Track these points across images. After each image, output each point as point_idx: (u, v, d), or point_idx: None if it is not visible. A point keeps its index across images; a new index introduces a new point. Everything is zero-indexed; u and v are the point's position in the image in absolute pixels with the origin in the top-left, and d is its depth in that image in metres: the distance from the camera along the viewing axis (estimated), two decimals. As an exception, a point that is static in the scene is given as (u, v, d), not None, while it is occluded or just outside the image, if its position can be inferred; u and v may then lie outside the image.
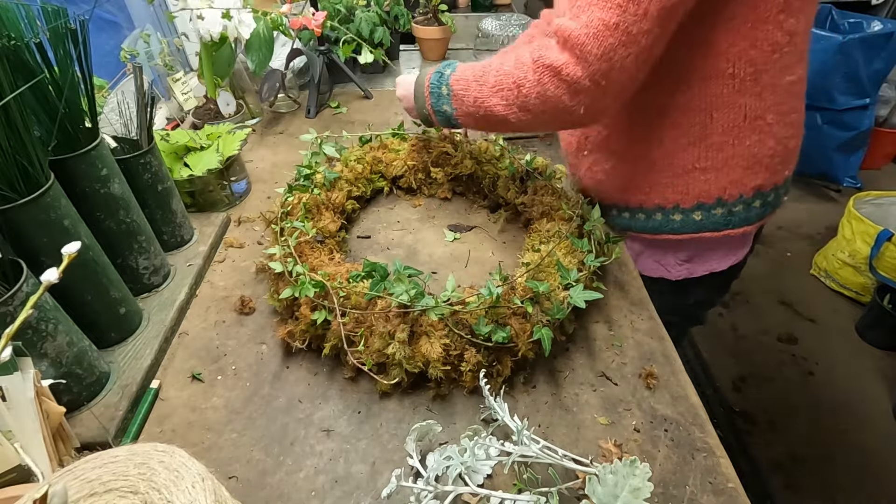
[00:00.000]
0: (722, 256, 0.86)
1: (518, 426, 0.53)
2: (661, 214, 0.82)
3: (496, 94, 0.69)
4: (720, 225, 0.79)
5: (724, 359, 1.86)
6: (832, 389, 1.75)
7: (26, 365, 0.46)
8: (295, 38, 1.28)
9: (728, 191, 0.77)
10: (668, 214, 0.81)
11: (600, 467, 0.52)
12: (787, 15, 0.65)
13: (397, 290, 0.62)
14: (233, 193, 0.96)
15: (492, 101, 0.69)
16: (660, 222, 0.83)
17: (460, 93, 0.73)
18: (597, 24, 0.57)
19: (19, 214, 0.54)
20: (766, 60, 0.67)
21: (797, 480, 1.51)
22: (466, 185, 0.96)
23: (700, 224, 0.80)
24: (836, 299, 2.08)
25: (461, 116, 0.75)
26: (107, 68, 1.05)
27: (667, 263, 0.88)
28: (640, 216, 0.84)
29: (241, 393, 0.65)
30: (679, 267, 0.88)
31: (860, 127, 2.33)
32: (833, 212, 2.41)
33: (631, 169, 0.81)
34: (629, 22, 0.56)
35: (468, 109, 0.73)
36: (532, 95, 0.65)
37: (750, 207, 0.78)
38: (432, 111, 0.78)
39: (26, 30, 0.55)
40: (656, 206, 0.82)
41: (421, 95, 0.79)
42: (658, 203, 0.81)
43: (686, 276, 0.88)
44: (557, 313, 0.63)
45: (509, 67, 0.67)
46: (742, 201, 0.77)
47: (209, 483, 0.35)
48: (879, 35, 2.14)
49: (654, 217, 0.83)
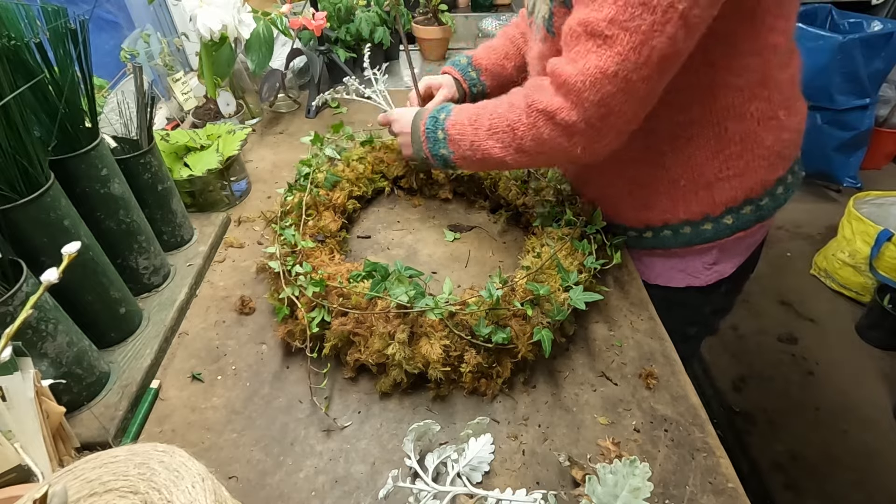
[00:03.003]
0: (746, 250, 0.84)
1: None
2: (689, 228, 0.79)
3: (492, 137, 0.69)
4: (752, 221, 0.77)
5: (724, 359, 1.86)
6: (832, 389, 1.74)
7: (26, 365, 0.46)
8: (295, 38, 1.28)
9: (755, 190, 0.75)
10: (697, 226, 0.78)
11: (600, 467, 0.52)
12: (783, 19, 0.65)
13: (396, 291, 0.62)
14: (233, 193, 0.96)
15: (488, 143, 0.70)
16: (690, 235, 0.79)
17: (456, 137, 0.74)
18: (594, 71, 0.56)
19: (19, 214, 0.54)
20: (769, 64, 0.67)
21: (797, 480, 1.51)
22: (467, 186, 0.96)
23: (733, 227, 0.77)
24: (836, 299, 2.08)
25: (458, 160, 0.76)
26: (107, 68, 1.05)
27: (694, 271, 0.84)
28: (667, 233, 0.81)
29: (240, 393, 0.65)
30: (708, 271, 0.84)
31: (860, 127, 2.33)
32: (833, 212, 2.41)
33: (648, 191, 0.78)
34: (628, 70, 0.55)
35: (465, 153, 0.74)
36: (528, 138, 0.65)
37: (775, 196, 0.77)
38: (430, 155, 0.79)
39: (26, 30, 0.55)
40: (683, 220, 0.79)
41: (418, 140, 0.80)
42: (685, 218, 0.78)
43: (717, 280, 0.85)
44: (557, 315, 0.63)
45: (503, 110, 0.67)
46: (768, 193, 0.76)
47: (209, 483, 0.35)
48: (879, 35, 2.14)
49: (682, 231, 0.79)
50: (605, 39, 0.54)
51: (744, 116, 0.69)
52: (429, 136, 0.78)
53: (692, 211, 0.77)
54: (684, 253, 0.82)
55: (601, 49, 0.55)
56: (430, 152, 0.79)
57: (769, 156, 0.73)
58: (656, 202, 0.79)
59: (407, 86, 1.48)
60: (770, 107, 0.70)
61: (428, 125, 0.78)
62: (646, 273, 0.85)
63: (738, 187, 0.75)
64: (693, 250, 0.81)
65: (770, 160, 0.74)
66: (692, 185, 0.75)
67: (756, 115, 0.70)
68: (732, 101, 0.68)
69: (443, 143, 0.76)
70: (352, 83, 0.97)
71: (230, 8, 1.04)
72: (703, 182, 0.74)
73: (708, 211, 0.77)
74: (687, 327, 0.73)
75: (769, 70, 0.67)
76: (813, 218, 2.47)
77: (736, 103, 0.68)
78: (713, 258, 0.82)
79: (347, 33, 1.40)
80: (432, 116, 0.78)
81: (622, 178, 0.80)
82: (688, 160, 0.73)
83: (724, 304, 0.94)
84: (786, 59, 0.69)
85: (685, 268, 0.84)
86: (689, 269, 0.84)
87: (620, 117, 0.60)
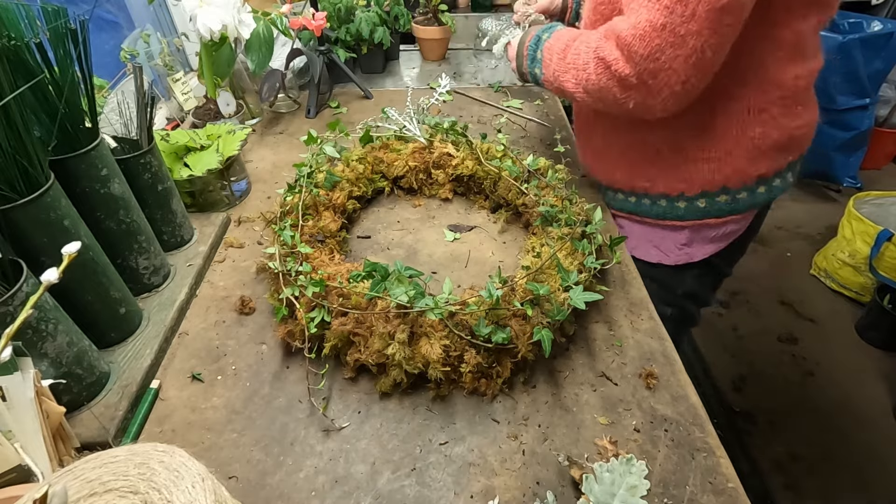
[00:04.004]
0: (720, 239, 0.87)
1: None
2: (665, 201, 0.84)
3: (569, 72, 0.73)
4: (724, 212, 0.81)
5: (724, 359, 1.86)
6: (832, 389, 1.74)
7: (26, 365, 0.46)
8: (295, 38, 1.28)
9: (732, 179, 0.78)
10: (672, 202, 0.83)
11: (597, 466, 0.52)
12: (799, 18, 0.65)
13: (396, 291, 0.62)
14: (233, 193, 0.96)
15: (566, 76, 0.74)
16: (664, 209, 0.85)
17: (548, 61, 0.78)
18: (644, 25, 0.58)
19: (19, 214, 0.54)
20: (770, 57, 0.67)
21: (797, 480, 1.51)
22: (467, 186, 0.96)
23: (704, 211, 0.81)
24: (836, 299, 2.08)
25: (546, 82, 0.81)
26: (107, 68, 1.05)
27: (666, 248, 0.89)
28: (645, 201, 0.87)
29: (241, 393, 0.65)
30: (678, 251, 0.89)
31: (860, 127, 2.33)
32: (833, 212, 2.41)
33: (637, 156, 0.83)
34: (676, 23, 0.57)
35: (550, 78, 0.79)
36: (591, 81, 0.69)
37: (754, 194, 0.79)
38: (527, 71, 0.85)
39: (26, 30, 0.55)
40: (661, 193, 0.84)
41: (521, 55, 0.85)
42: (663, 191, 0.83)
43: (686, 262, 0.89)
44: (557, 315, 0.63)
45: (583, 48, 0.70)
46: (746, 188, 0.78)
47: (209, 483, 0.35)
48: (879, 35, 2.14)
49: (659, 203, 0.85)
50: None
51: (732, 98, 0.71)
52: (530, 53, 0.83)
53: (670, 186, 0.82)
54: (658, 226, 0.88)
55: (651, 3, 0.57)
56: (528, 69, 0.84)
57: (752, 148, 0.74)
58: (641, 169, 0.84)
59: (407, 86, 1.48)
60: (763, 98, 0.70)
61: (531, 43, 0.83)
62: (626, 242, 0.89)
63: (716, 171, 0.77)
64: (666, 225, 0.87)
65: (752, 152, 0.74)
66: (674, 159, 0.79)
67: (747, 102, 0.71)
68: (723, 82, 0.69)
69: (539, 62, 0.81)
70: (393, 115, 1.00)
71: (230, 8, 1.04)
72: (685, 158, 0.78)
73: (684, 189, 0.81)
74: (661, 306, 0.76)
75: (767, 61, 0.67)
76: (813, 218, 2.47)
77: (726, 84, 0.69)
78: (685, 238, 0.87)
79: (347, 33, 1.40)
80: (537, 35, 0.83)
81: (618, 142, 0.85)
82: (674, 133, 0.76)
83: (695, 289, 0.97)
84: (792, 57, 0.69)
85: (659, 244, 0.90)
86: (661, 246, 0.90)
87: (672, 75, 0.61)
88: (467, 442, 0.59)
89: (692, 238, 0.87)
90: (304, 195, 0.81)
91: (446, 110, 1.29)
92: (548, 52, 0.79)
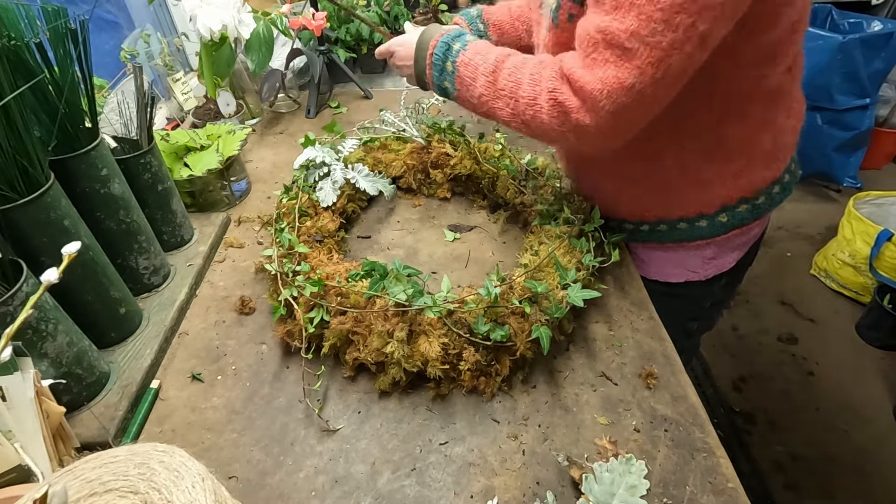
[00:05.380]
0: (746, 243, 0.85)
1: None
2: (685, 224, 0.79)
3: (503, 99, 0.66)
4: (747, 220, 0.78)
5: (724, 359, 1.85)
6: (832, 389, 1.74)
7: (26, 365, 0.46)
8: (295, 38, 1.28)
9: (748, 189, 0.75)
10: (692, 223, 0.79)
11: (596, 465, 0.52)
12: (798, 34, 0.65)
13: (395, 290, 0.62)
14: (233, 193, 0.96)
15: (498, 104, 0.67)
16: (685, 231, 0.80)
17: (467, 79, 0.69)
18: (612, 82, 0.55)
19: (19, 214, 0.54)
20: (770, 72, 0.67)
21: (797, 480, 1.50)
22: (466, 186, 0.96)
23: (728, 225, 0.78)
24: (836, 299, 2.08)
25: (460, 99, 0.72)
26: (107, 68, 1.05)
27: (693, 266, 0.85)
28: (662, 227, 0.81)
29: (241, 393, 0.65)
30: (707, 266, 0.84)
31: (860, 127, 2.33)
32: (833, 212, 2.41)
33: (642, 189, 0.79)
34: (645, 83, 0.55)
35: (471, 99, 0.70)
36: (539, 119, 0.64)
37: (771, 195, 0.77)
38: (431, 82, 0.75)
39: (26, 30, 0.55)
40: (678, 217, 0.79)
41: (422, 60, 0.75)
42: (680, 215, 0.79)
43: (715, 273, 0.85)
44: (556, 312, 0.63)
45: (525, 79, 0.64)
46: (764, 193, 0.76)
47: (209, 483, 0.36)
48: (879, 35, 2.14)
49: (678, 227, 0.80)
50: (625, 52, 0.54)
51: (743, 121, 0.69)
52: (436, 63, 0.73)
53: (687, 209, 0.78)
54: (681, 248, 0.82)
55: (620, 61, 0.55)
56: (432, 80, 0.75)
57: (766, 158, 0.73)
58: (651, 199, 0.79)
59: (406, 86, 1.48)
60: (770, 110, 0.70)
61: (437, 51, 0.72)
62: (644, 268, 0.86)
63: (733, 187, 0.75)
64: (690, 245, 0.82)
65: (767, 162, 0.74)
66: (689, 186, 0.75)
67: (755, 120, 0.69)
68: (732, 107, 0.68)
69: (449, 76, 0.72)
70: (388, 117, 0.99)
71: (230, 8, 1.05)
72: (699, 182, 0.75)
73: (702, 209, 0.77)
74: (688, 322, 0.73)
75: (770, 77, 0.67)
76: (813, 218, 2.47)
77: (735, 108, 0.68)
78: (712, 253, 0.83)
79: (347, 33, 1.40)
80: (444, 43, 0.72)
81: (619, 174, 0.80)
82: (684, 161, 0.73)
83: (723, 296, 0.94)
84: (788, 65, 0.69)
85: (684, 263, 0.84)
86: (687, 265, 0.85)
87: (629, 124, 0.60)
88: (467, 442, 0.59)
89: (719, 251, 0.82)
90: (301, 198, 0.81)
91: (445, 110, 1.28)
92: (465, 69, 0.69)
